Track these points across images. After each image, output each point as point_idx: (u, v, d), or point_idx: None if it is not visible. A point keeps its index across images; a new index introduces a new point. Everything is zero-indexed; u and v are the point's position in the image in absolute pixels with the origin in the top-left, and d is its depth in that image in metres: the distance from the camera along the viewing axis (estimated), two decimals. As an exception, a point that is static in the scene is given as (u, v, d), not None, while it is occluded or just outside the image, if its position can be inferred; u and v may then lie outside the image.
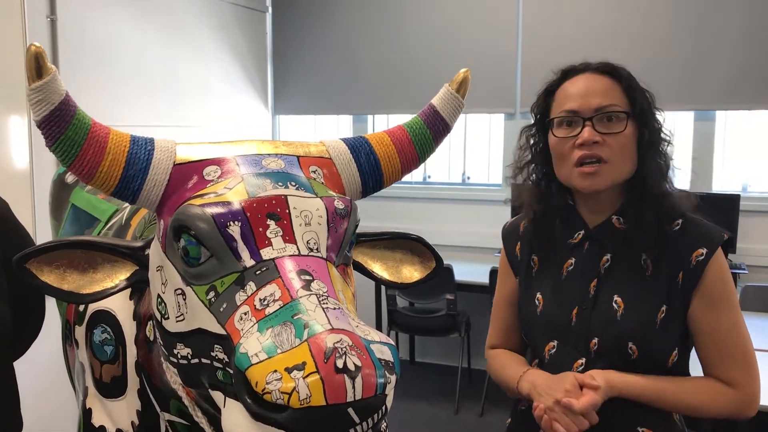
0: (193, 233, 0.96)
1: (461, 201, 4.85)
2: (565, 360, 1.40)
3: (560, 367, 1.39)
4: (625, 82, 1.37)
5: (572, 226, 1.45)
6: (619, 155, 1.33)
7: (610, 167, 1.33)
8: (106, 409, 1.33)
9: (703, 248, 1.34)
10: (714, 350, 1.34)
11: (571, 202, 1.46)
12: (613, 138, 1.33)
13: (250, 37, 4.84)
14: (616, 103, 1.35)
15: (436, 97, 1.22)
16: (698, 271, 1.33)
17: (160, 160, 1.05)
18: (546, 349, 1.43)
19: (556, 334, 1.42)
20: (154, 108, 3.90)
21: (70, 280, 1.11)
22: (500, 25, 4.53)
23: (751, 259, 3.99)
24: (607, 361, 1.36)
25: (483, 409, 4.16)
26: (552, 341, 1.42)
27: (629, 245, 1.38)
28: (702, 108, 4.22)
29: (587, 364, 1.37)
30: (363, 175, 1.17)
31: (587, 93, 1.36)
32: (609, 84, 1.37)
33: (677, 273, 1.35)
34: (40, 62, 0.95)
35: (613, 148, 1.33)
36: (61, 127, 0.99)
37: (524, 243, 1.53)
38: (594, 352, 1.37)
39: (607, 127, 1.34)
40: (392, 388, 0.84)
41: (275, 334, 0.83)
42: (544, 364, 1.43)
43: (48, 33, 3.24)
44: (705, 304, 1.34)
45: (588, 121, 1.34)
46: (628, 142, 1.34)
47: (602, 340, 1.37)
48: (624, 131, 1.34)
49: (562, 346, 1.41)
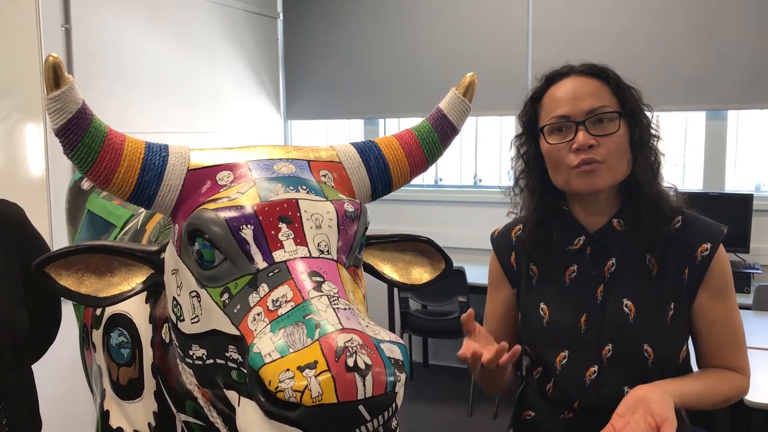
0: (207, 237, 0.99)
1: (473, 203, 4.85)
2: (577, 369, 1.38)
3: (573, 377, 1.38)
4: (613, 81, 1.37)
5: (570, 232, 1.43)
6: (615, 155, 1.33)
7: (607, 168, 1.33)
8: (124, 411, 1.35)
9: (707, 243, 1.35)
10: (719, 339, 1.35)
11: (566, 208, 1.44)
12: (607, 139, 1.32)
13: (261, 43, 4.88)
14: (607, 104, 1.34)
15: (443, 100, 1.24)
16: (704, 266, 1.34)
17: (174, 165, 1.07)
18: (557, 360, 1.40)
19: (566, 343, 1.40)
20: (168, 115, 3.94)
21: (88, 284, 1.13)
22: (510, 27, 4.54)
23: (764, 259, 3.96)
24: (622, 368, 1.35)
25: (497, 411, 4.16)
26: (563, 351, 1.40)
27: (633, 247, 1.38)
28: (714, 108, 4.20)
29: (600, 372, 1.36)
30: (372, 178, 1.18)
31: (576, 96, 1.35)
32: (597, 85, 1.36)
33: (683, 270, 1.36)
34: (57, 72, 0.97)
35: (609, 148, 1.32)
36: (79, 135, 1.01)
37: (520, 253, 1.50)
38: (607, 359, 1.36)
39: (601, 129, 1.33)
40: (402, 385, 0.86)
41: (287, 334, 0.84)
42: (557, 375, 1.41)
43: (63, 42, 3.28)
44: (711, 296, 1.35)
45: (581, 125, 1.33)
46: (622, 142, 1.34)
47: (616, 346, 1.36)
48: (618, 131, 1.33)
49: (574, 355, 1.39)
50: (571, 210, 1.44)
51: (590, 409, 1.37)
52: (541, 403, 1.46)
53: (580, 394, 1.38)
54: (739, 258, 3.92)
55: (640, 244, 1.37)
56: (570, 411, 1.40)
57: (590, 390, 1.37)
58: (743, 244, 3.87)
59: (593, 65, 1.40)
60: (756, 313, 3.36)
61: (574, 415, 1.39)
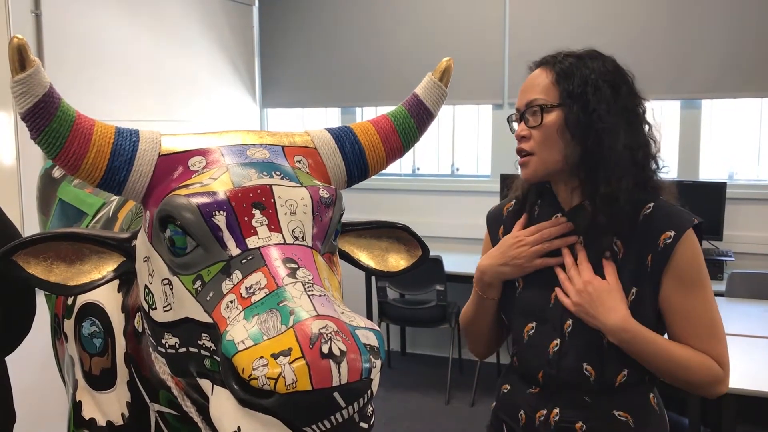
0: (179, 223, 0.97)
1: (450, 192, 4.86)
2: (542, 341, 1.43)
3: (537, 347, 1.43)
4: (557, 69, 1.39)
5: (550, 209, 1.48)
6: (543, 146, 1.38)
7: (538, 158, 1.39)
8: (96, 401, 1.33)
9: (671, 231, 1.34)
10: (692, 331, 1.35)
11: (548, 185, 1.48)
12: (536, 130, 1.38)
13: (237, 30, 4.83)
14: (539, 96, 1.39)
15: (419, 86, 1.23)
16: (667, 253, 1.34)
17: (145, 151, 1.06)
18: (525, 330, 1.46)
19: (534, 315, 1.45)
20: (141, 103, 3.89)
21: (58, 272, 1.11)
22: (487, 16, 4.54)
23: (737, 246, 4.03)
24: (581, 343, 1.39)
25: (474, 399, 4.18)
26: (531, 322, 1.45)
27: (599, 229, 1.38)
28: (688, 97, 4.25)
29: (561, 344, 1.41)
30: (348, 164, 1.18)
31: (524, 89, 1.44)
32: (540, 76, 1.41)
33: (646, 256, 1.36)
34: (23, 54, 0.95)
35: (537, 139, 1.39)
36: (46, 119, 0.99)
37: (507, 226, 1.55)
38: (568, 333, 1.40)
39: (534, 121, 1.39)
40: (377, 372, 0.85)
41: (261, 321, 0.84)
42: (523, 344, 1.46)
43: (33, 28, 3.22)
44: (675, 285, 1.35)
45: (523, 117, 1.41)
46: (550, 133, 1.37)
47: (576, 321, 1.39)
48: (542, 123, 1.37)
49: (540, 326, 1.44)
50: (554, 187, 1.47)
51: (552, 385, 1.42)
52: (515, 377, 1.52)
53: (543, 365, 1.42)
54: (712, 245, 3.98)
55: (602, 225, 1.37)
56: (536, 385, 1.45)
57: (552, 363, 1.41)
58: (716, 232, 3.93)
59: (550, 55, 1.44)
60: (729, 300, 3.41)
61: (540, 389, 1.44)
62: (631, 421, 1.38)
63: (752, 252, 4.05)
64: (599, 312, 1.34)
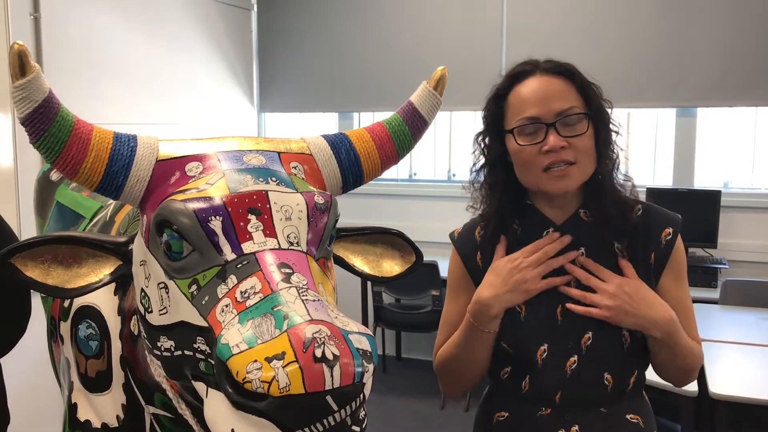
0: (176, 228, 0.98)
1: (447, 198, 4.87)
2: (558, 361, 1.38)
3: (554, 369, 1.38)
4: (578, 80, 1.37)
5: (537, 226, 1.43)
6: (585, 156, 1.34)
7: (578, 168, 1.33)
8: (92, 403, 1.34)
9: (669, 228, 1.42)
10: (679, 317, 1.37)
11: (529, 201, 1.45)
12: (577, 140, 1.32)
13: (235, 34, 4.84)
14: (575, 105, 1.34)
15: (414, 94, 1.24)
16: (668, 249, 1.41)
17: (143, 156, 1.07)
18: (538, 354, 1.39)
19: (545, 336, 1.39)
20: (139, 106, 3.90)
21: (55, 275, 1.12)
22: (485, 22, 4.56)
23: (732, 254, 4.04)
24: (601, 354, 1.37)
25: (468, 404, 4.19)
26: (542, 345, 1.39)
27: (600, 236, 1.40)
28: (684, 105, 4.27)
29: (579, 361, 1.37)
30: (343, 170, 1.19)
31: (545, 97, 1.34)
32: (563, 85, 1.36)
33: (650, 254, 1.40)
34: (23, 60, 0.96)
35: (578, 149, 1.33)
36: (45, 125, 1.00)
37: (486, 252, 1.47)
38: (587, 347, 1.37)
39: (571, 130, 1.33)
40: (370, 376, 0.86)
41: (256, 326, 0.85)
42: (538, 368, 1.39)
43: (32, 31, 3.23)
44: (672, 278, 1.42)
45: (551, 126, 1.33)
46: (590, 142, 1.35)
47: (595, 333, 1.36)
48: (586, 132, 1.33)
49: (553, 347, 1.39)
50: (534, 203, 1.44)
51: (570, 402, 1.38)
52: (515, 402, 1.44)
53: (561, 385, 1.37)
54: (707, 253, 3.99)
55: (607, 232, 1.39)
56: (548, 406, 1.39)
57: (571, 380, 1.37)
58: (711, 240, 3.94)
59: (559, 63, 1.39)
60: (722, 308, 3.43)
61: (553, 410, 1.39)
62: (640, 421, 1.40)
63: (746, 260, 4.07)
64: (642, 308, 1.32)
